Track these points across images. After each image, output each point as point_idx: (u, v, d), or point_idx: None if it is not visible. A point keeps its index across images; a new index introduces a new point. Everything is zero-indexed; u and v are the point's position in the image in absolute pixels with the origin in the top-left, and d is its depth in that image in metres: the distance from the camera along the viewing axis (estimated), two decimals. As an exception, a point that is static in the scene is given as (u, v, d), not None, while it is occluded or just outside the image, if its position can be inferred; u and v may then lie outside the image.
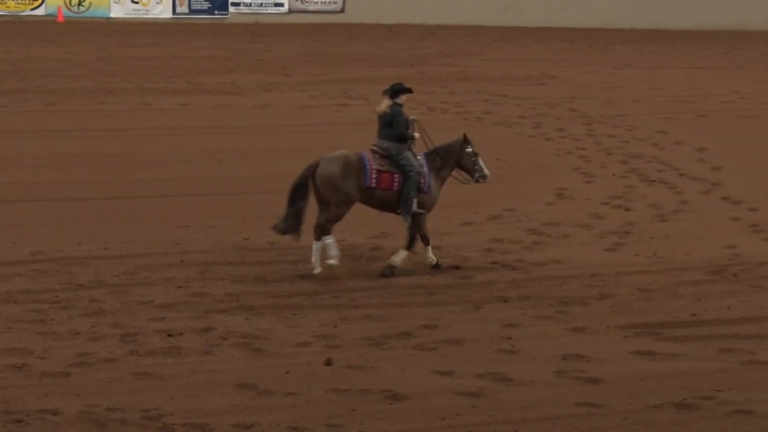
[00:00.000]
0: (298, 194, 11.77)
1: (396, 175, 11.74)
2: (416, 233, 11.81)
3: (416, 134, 12.01)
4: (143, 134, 18.94)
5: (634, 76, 27.35)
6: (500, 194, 14.97)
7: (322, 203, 11.76)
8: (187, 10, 38.40)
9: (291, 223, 11.72)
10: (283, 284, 11.25)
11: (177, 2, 38.28)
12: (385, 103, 11.95)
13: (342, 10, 39.21)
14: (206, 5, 38.54)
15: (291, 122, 20.26)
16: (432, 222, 13.45)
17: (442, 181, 12.09)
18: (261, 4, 38.86)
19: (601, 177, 16.13)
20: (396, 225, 12.98)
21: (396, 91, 11.98)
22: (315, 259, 11.54)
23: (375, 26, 38.27)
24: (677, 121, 20.78)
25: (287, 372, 9.04)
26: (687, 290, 11.16)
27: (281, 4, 38.94)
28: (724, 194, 15.12)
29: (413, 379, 8.92)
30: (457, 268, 11.84)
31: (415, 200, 11.71)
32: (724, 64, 30.25)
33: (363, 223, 13.48)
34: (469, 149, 12.14)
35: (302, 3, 39.11)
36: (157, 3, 38.18)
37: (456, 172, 12.20)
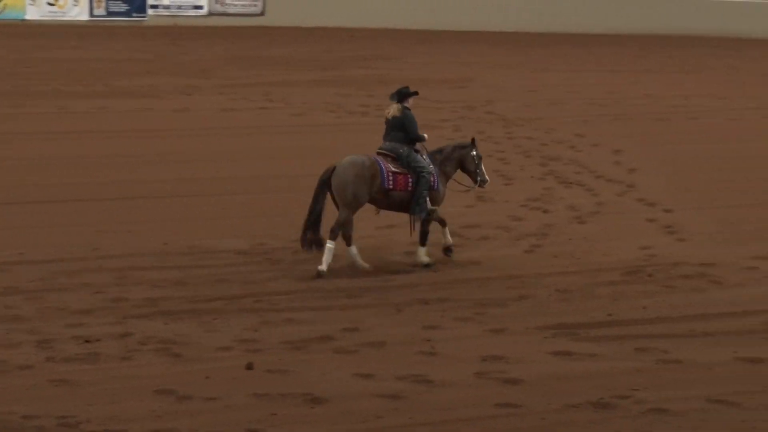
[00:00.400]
0: (316, 201, 11.99)
1: (409, 176, 12.17)
2: (428, 228, 12.19)
3: (425, 135, 12.41)
4: (59, 138, 18.64)
5: (552, 79, 27.61)
6: (420, 197, 14.97)
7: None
8: (104, 12, 37.94)
9: (313, 235, 11.89)
10: (202, 288, 11.14)
11: (94, 4, 37.80)
12: (394, 108, 12.37)
13: (262, 13, 39.05)
14: (124, 7, 38.11)
15: (211, 125, 20.10)
16: (355, 224, 13.45)
17: (447, 177, 12.53)
18: (180, 6, 38.54)
19: (520, 179, 16.25)
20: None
21: (403, 95, 12.41)
22: (326, 258, 11.69)
23: (295, 29, 38.14)
24: (593, 123, 21.01)
25: (207, 377, 8.95)
26: (604, 291, 11.28)
27: (200, 7, 38.66)
28: (640, 196, 15.32)
29: (334, 383, 8.89)
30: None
31: (427, 198, 12.16)
32: (637, 67, 30.66)
33: (283, 224, 13.42)
34: (474, 152, 12.60)
35: (222, 5, 38.86)
36: (74, 5, 37.68)
37: (459, 178, 12.61)
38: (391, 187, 12.09)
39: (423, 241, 12.14)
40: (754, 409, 8.58)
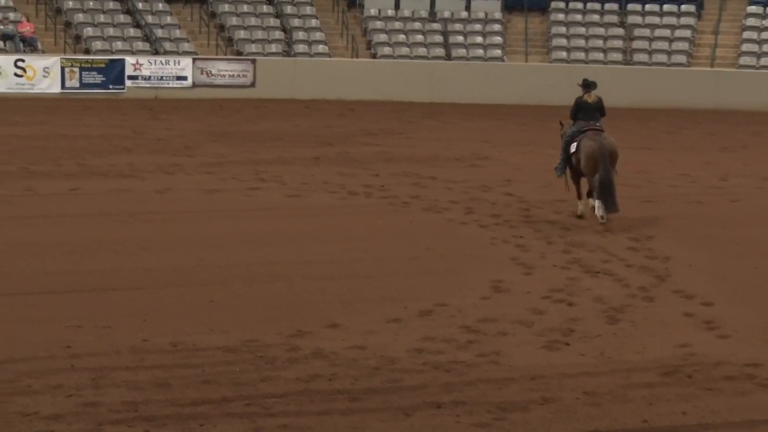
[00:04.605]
0: (608, 173, 18.77)
1: None
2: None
3: None
4: (27, 223, 18.74)
5: (575, 157, 27.79)
6: (431, 287, 15.04)
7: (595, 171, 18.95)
8: (77, 84, 38.34)
9: (608, 200, 18.86)
10: (188, 391, 11.12)
11: (66, 75, 38.20)
12: (593, 95, 19.67)
13: (252, 85, 39.45)
14: (99, 79, 38.52)
15: (195, 208, 20.22)
16: (354, 318, 13.47)
17: None
18: (161, 77, 38.94)
19: (541, 268, 16.30)
20: (316, 322, 13.02)
21: (593, 84, 19.79)
22: (599, 212, 19.06)
23: (289, 102, 38.56)
24: (621, 206, 21.09)
25: (193, 491, 8.90)
26: (637, 394, 11.25)
27: (184, 78, 39.07)
28: (676, 287, 15.34)
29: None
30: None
31: None
32: (668, 144, 30.90)
33: (276, 318, 13.45)
34: None
35: (208, 76, 39.28)
36: (44, 77, 38.08)
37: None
38: None
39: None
40: None
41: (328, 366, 11.88)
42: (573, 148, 19.51)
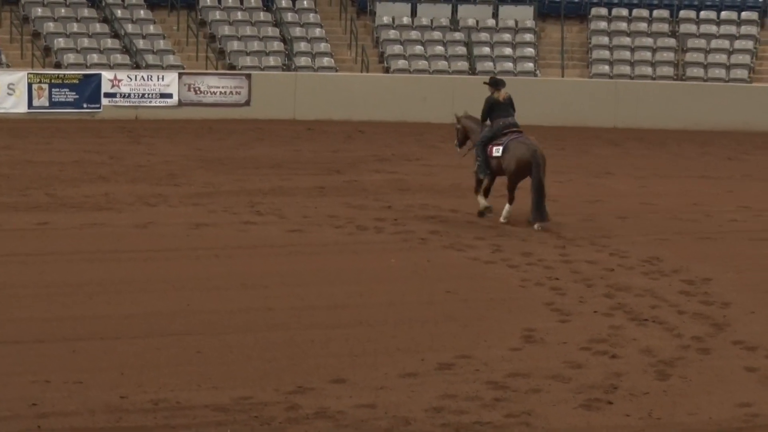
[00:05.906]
0: (540, 180, 21.53)
1: None
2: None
3: None
4: (-11, 261, 18.82)
5: (619, 186, 27.82)
6: (452, 337, 15.04)
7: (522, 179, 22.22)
8: (47, 103, 38.56)
9: (542, 208, 21.80)
10: (171, 456, 11.16)
11: (34, 93, 38.41)
12: (503, 92, 22.78)
13: (247, 103, 39.61)
14: (72, 97, 38.70)
15: (181, 246, 20.27)
16: (363, 372, 13.49)
17: None
18: (143, 95, 39.12)
19: (580, 315, 16.30)
20: (317, 378, 13.03)
21: (501, 82, 22.95)
22: (506, 216, 22.33)
23: (289, 123, 38.65)
24: (674, 244, 21.11)
25: None
26: (691, 460, 11.26)
27: (169, 95, 39.24)
28: (736, 337, 15.33)
29: None
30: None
31: None
32: (728, 172, 30.90)
33: (273, 372, 13.46)
34: None
35: (196, 94, 39.43)
36: (9, 94, 38.30)
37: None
38: None
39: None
40: None
41: (334, 427, 11.89)
42: (498, 151, 22.40)
